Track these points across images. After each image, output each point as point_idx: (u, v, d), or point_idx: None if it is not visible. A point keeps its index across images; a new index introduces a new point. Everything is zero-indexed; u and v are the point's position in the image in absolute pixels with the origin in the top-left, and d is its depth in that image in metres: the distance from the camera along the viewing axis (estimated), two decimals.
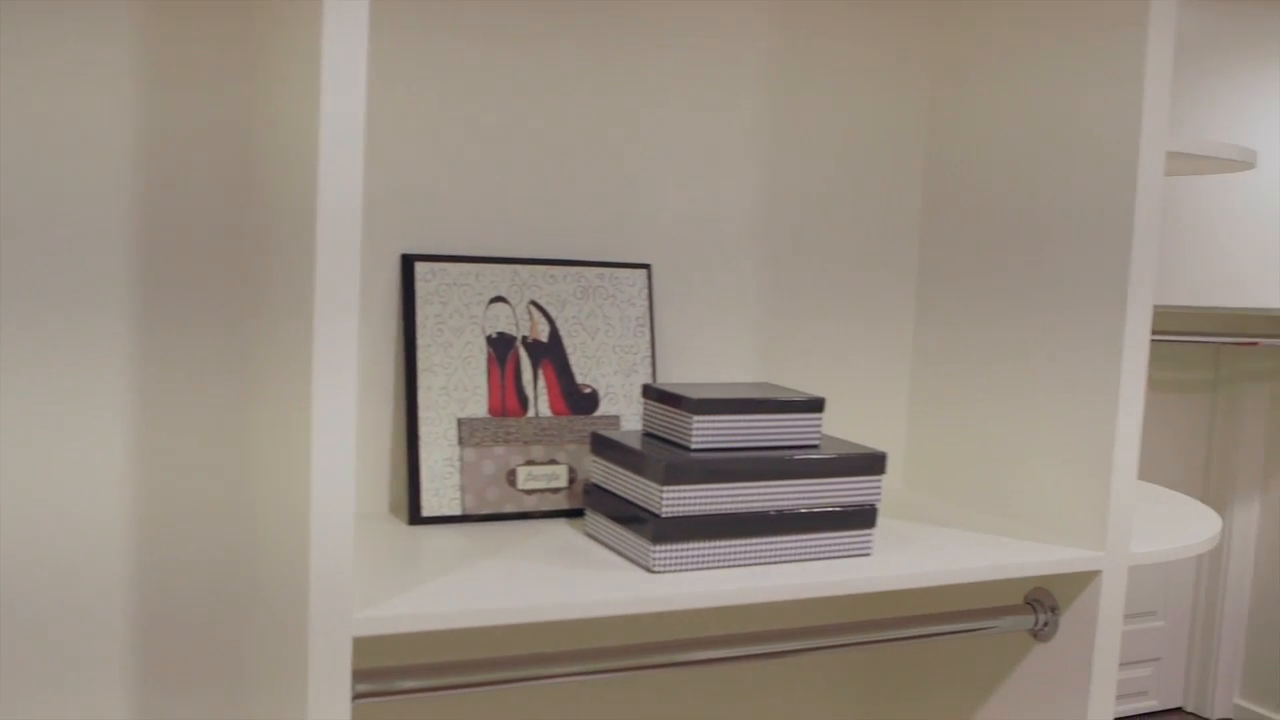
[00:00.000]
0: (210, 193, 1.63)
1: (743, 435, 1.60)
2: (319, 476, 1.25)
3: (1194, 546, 1.87)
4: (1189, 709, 4.28)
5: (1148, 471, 3.95)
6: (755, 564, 1.59)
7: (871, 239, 2.09)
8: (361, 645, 1.77)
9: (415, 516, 1.71)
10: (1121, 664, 4.08)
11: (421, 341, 1.73)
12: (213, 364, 1.66)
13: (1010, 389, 1.92)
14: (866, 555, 1.65)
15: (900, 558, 1.65)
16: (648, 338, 1.87)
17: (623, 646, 1.54)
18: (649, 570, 1.53)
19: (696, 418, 1.57)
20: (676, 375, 1.95)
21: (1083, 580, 1.79)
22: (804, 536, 1.61)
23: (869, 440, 2.12)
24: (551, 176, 1.83)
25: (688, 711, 2.05)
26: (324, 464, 1.25)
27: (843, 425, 2.10)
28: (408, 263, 1.73)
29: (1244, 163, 1.97)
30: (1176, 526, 1.96)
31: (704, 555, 1.55)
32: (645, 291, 1.88)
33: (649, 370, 1.86)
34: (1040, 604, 1.84)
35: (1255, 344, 3.89)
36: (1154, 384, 3.97)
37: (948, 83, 2.06)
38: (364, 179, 1.71)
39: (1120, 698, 4.13)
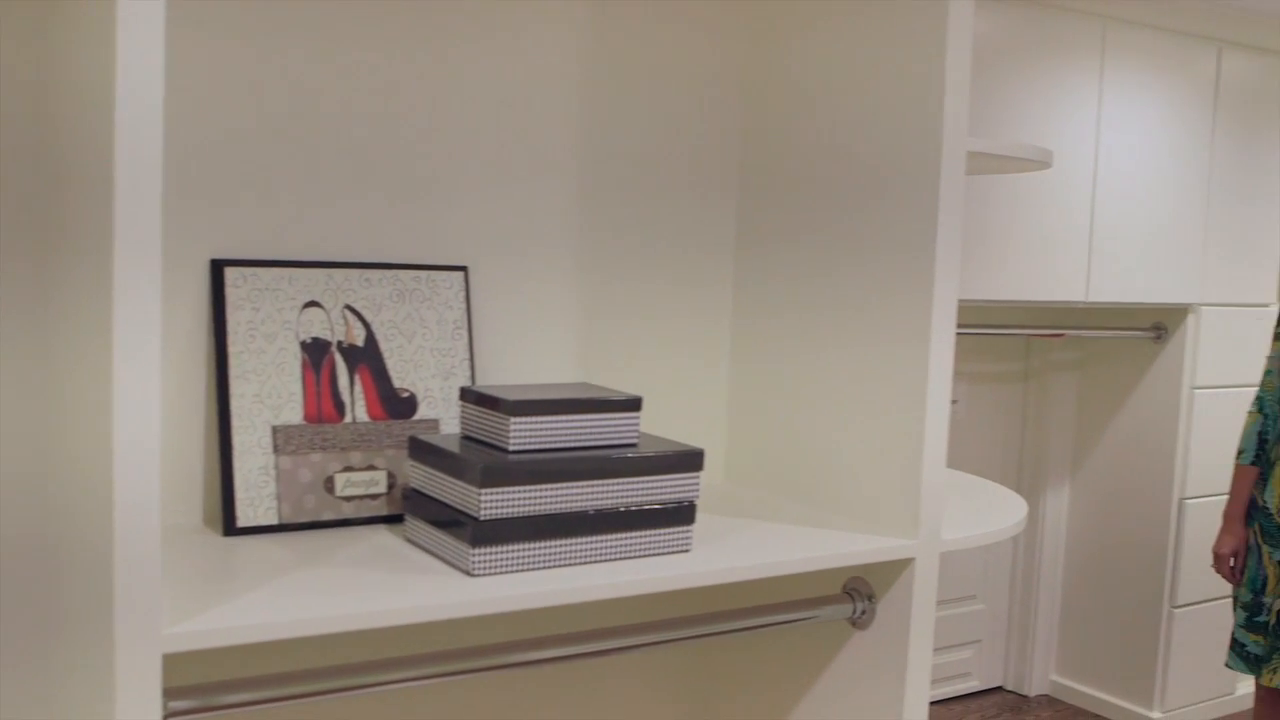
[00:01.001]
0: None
1: (561, 436, 1.61)
2: (122, 489, 1.21)
3: (1002, 532, 1.94)
4: (1009, 687, 4.43)
5: (966, 460, 4.09)
6: (576, 564, 1.59)
7: (689, 238, 2.12)
8: (179, 661, 1.72)
9: (230, 527, 1.67)
10: (944, 647, 4.21)
11: (233, 349, 1.69)
12: (11, 350, 1.59)
13: (825, 383, 1.96)
14: (686, 551, 1.67)
15: (719, 552, 1.68)
16: (466, 340, 1.86)
17: (444, 652, 1.53)
18: (469, 574, 1.52)
19: (514, 419, 1.57)
20: (496, 378, 1.95)
21: (897, 568, 1.84)
22: (624, 535, 1.62)
23: (691, 436, 2.15)
24: (364, 178, 1.81)
25: (513, 713, 2.05)
26: (128, 476, 1.21)
27: (665, 422, 2.13)
28: (217, 268, 1.69)
29: (1041, 162, 2.05)
30: (986, 513, 2.03)
31: (524, 557, 1.55)
32: (463, 294, 1.86)
33: (468, 373, 1.85)
34: (858, 592, 1.89)
35: (1061, 335, 4.05)
36: (969, 376, 4.11)
37: (758, 98, 2.09)
38: (167, 181, 1.67)
39: (944, 680, 4.26)
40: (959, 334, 3.68)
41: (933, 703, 4.24)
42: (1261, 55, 4.04)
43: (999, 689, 4.44)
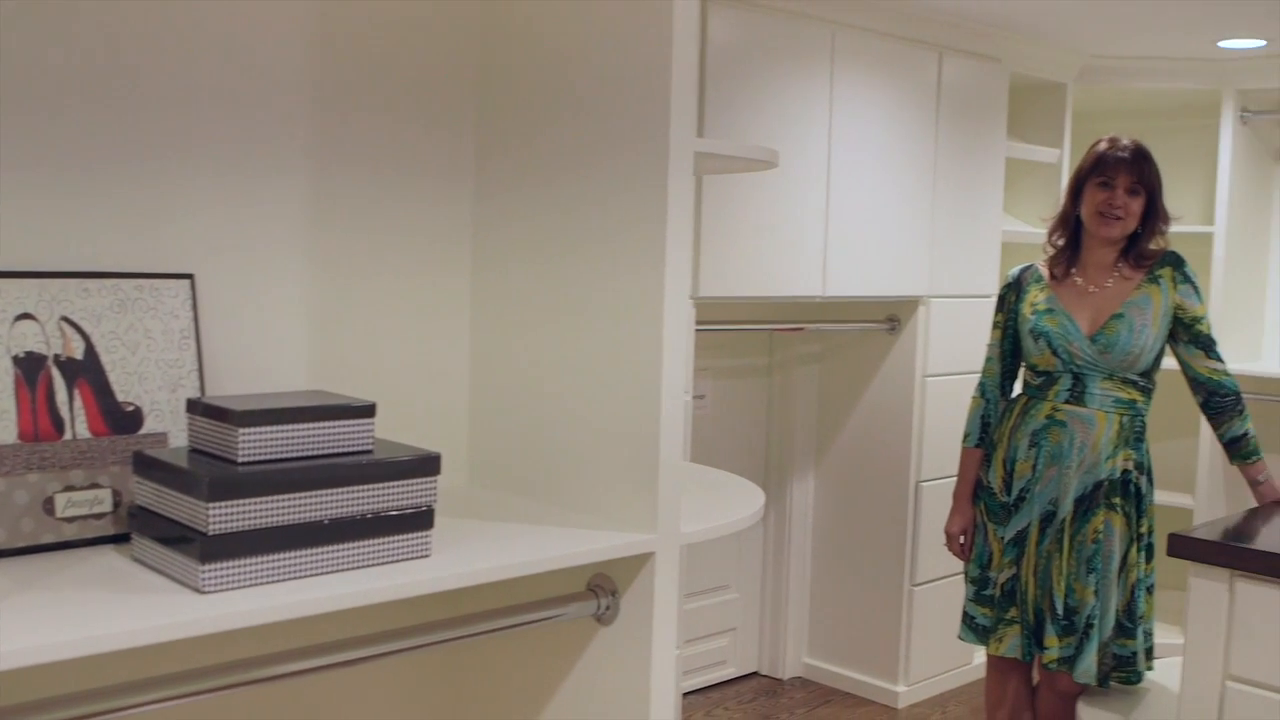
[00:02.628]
0: None
1: (293, 445, 1.58)
2: None
3: (740, 522, 2.00)
4: (764, 672, 4.56)
5: (715, 454, 4.18)
6: (312, 575, 1.57)
7: (424, 235, 2.10)
8: None
9: None
10: (699, 637, 4.31)
11: None
12: None
13: (563, 384, 1.98)
14: (426, 556, 1.66)
15: (460, 556, 1.68)
16: (194, 350, 1.80)
17: (177, 674, 1.48)
18: (199, 591, 1.48)
19: (243, 430, 1.53)
20: (229, 388, 1.89)
21: (639, 562, 1.87)
22: (361, 543, 1.60)
23: (432, 440, 2.13)
24: (80, 182, 1.73)
25: None
26: None
27: (405, 427, 2.10)
28: None
29: (767, 162, 2.12)
30: (725, 505, 2.08)
31: (257, 571, 1.51)
32: (189, 302, 1.81)
33: (197, 384, 1.80)
34: (602, 589, 1.92)
35: (801, 329, 4.19)
36: (716, 372, 4.21)
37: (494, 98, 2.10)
38: None
39: (700, 669, 4.35)
40: (704, 331, 3.77)
41: (690, 692, 4.33)
42: (979, 60, 4.28)
43: (755, 674, 4.56)
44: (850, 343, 4.36)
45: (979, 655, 4.43)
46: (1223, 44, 4.35)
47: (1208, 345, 3.02)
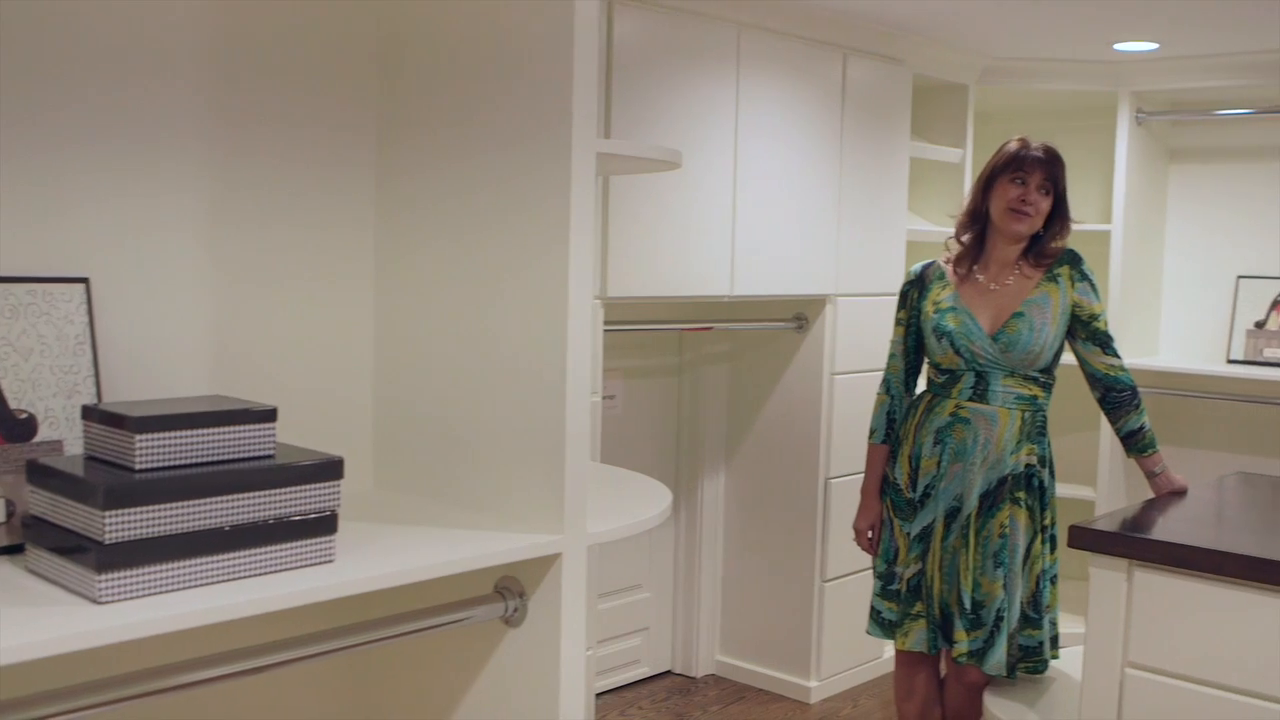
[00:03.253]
0: None
1: (192, 451, 1.56)
2: None
3: (647, 521, 2.00)
4: (677, 670, 4.58)
5: (626, 454, 4.19)
6: (213, 583, 1.54)
7: (327, 235, 2.08)
8: None
9: None
10: (612, 637, 4.31)
11: None
12: None
13: (471, 386, 1.97)
14: (330, 562, 1.65)
15: (364, 561, 1.66)
16: (90, 356, 1.76)
17: (75, 687, 1.45)
18: (95, 602, 1.45)
19: (139, 436, 1.51)
20: (127, 394, 1.86)
21: (546, 563, 1.87)
22: (263, 549, 1.58)
23: (337, 443, 2.11)
24: None
25: None
26: None
27: (309, 430, 2.07)
28: None
29: (670, 163, 2.13)
30: (632, 505, 2.09)
31: (156, 580, 1.49)
32: (84, 307, 1.77)
33: (93, 390, 1.76)
34: (509, 591, 1.91)
35: (709, 329, 4.21)
36: (626, 372, 4.21)
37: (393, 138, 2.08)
38: None
39: (614, 669, 4.35)
40: (613, 331, 3.77)
41: (604, 692, 4.33)
42: (883, 62, 4.33)
43: (668, 673, 4.58)
44: (759, 341, 4.39)
45: (889, 649, 4.48)
46: (1118, 47, 4.45)
47: (1105, 341, 3.09)
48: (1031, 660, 3.07)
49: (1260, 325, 4.84)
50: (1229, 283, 4.97)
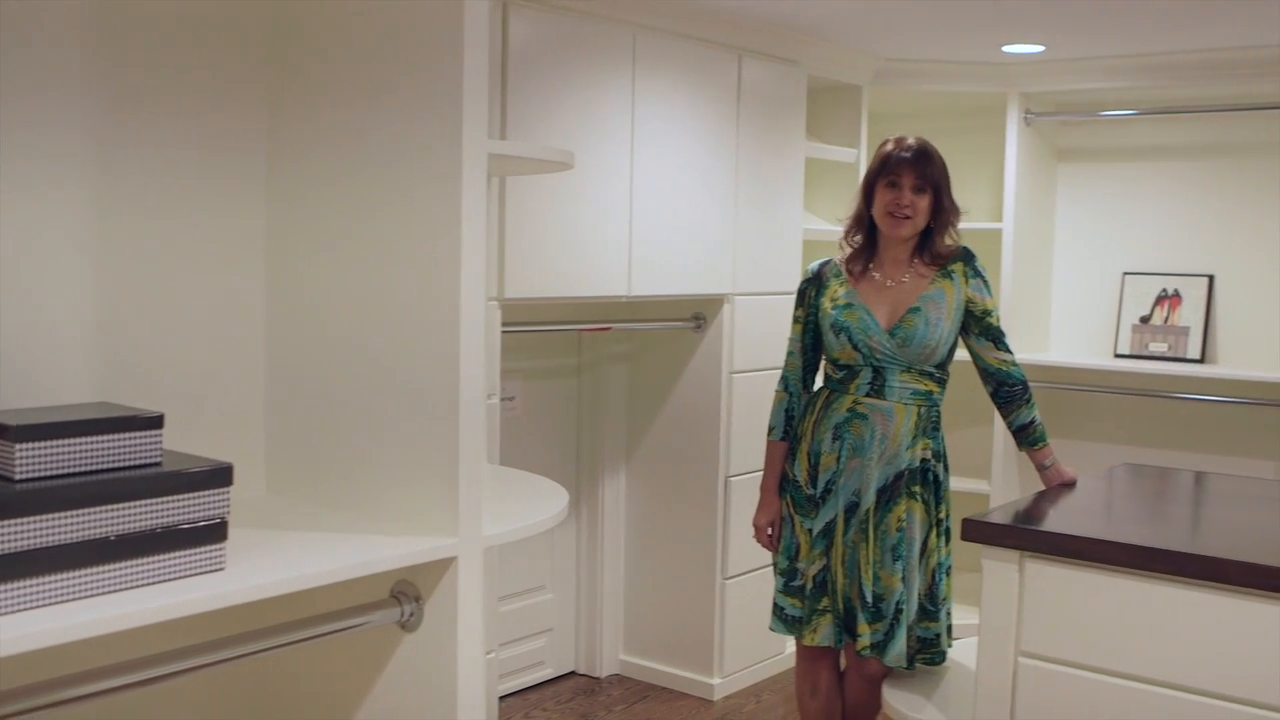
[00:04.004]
0: None
1: (75, 460, 1.52)
2: None
3: (544, 523, 2.00)
4: (581, 671, 4.57)
5: (526, 455, 4.17)
6: (99, 594, 1.51)
7: (214, 239, 2.05)
8: None
9: None
10: (516, 639, 4.29)
11: None
12: None
13: (363, 390, 1.95)
14: (220, 570, 1.62)
15: (256, 568, 1.64)
16: None
17: None
18: None
19: (20, 445, 1.47)
20: (8, 401, 1.81)
21: (441, 567, 1.86)
22: (151, 559, 1.55)
23: (228, 449, 2.07)
24: None
25: None
26: None
27: (199, 437, 2.04)
28: None
29: (563, 164, 2.13)
30: (529, 506, 2.09)
31: (40, 592, 1.46)
32: None
33: None
34: (405, 595, 1.90)
35: (608, 329, 4.22)
36: (526, 373, 4.20)
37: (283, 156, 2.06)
38: None
39: (517, 671, 4.34)
40: (511, 333, 3.76)
41: (508, 695, 4.32)
42: (778, 63, 4.37)
43: (572, 674, 4.57)
44: (658, 341, 4.41)
45: (790, 645, 4.52)
46: (1006, 49, 4.54)
47: (997, 337, 3.14)
48: (929, 652, 3.11)
49: (1145, 320, 4.97)
50: (1115, 279, 5.09)
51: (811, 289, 3.24)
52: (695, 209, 4.08)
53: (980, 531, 2.52)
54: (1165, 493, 3.07)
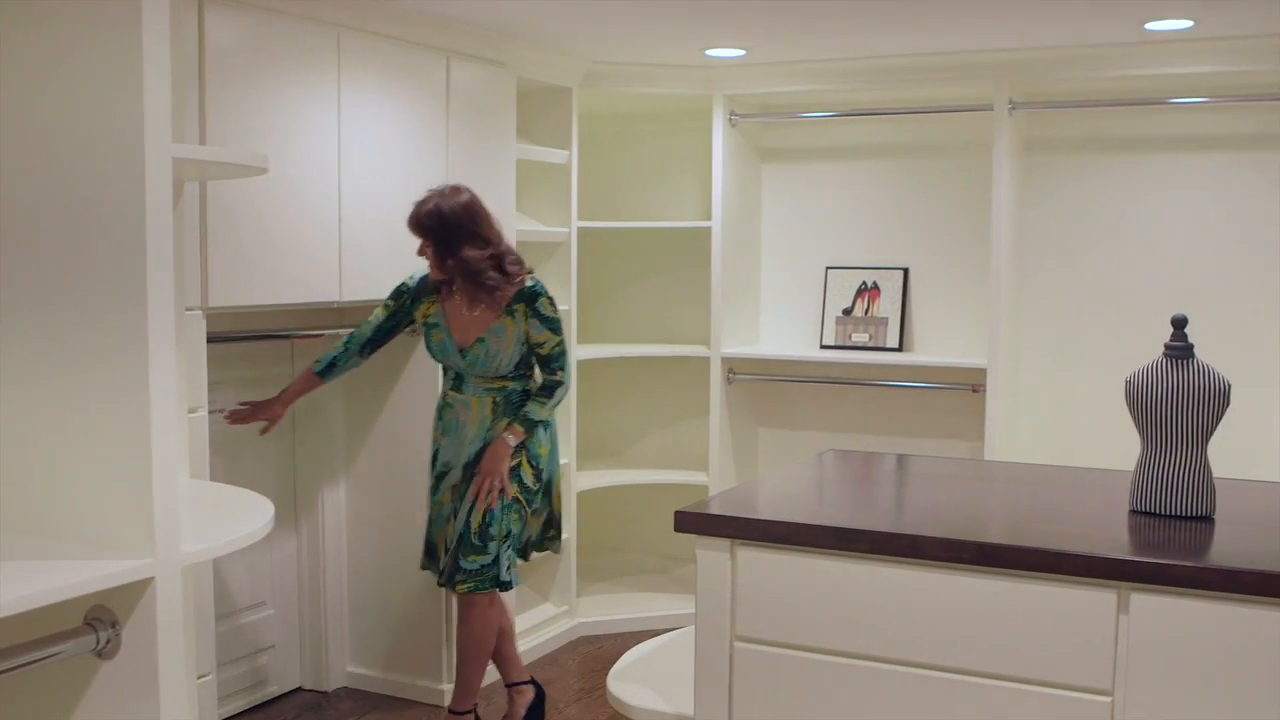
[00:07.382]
0: None
1: None
2: None
3: (247, 537, 1.95)
4: (308, 686, 4.46)
5: (240, 471, 4.04)
6: None
7: None
8: None
9: None
10: (237, 658, 4.15)
11: None
12: None
13: (44, 406, 1.85)
14: None
15: None
16: None
17: None
18: None
19: None
20: None
21: (139, 589, 1.78)
22: None
23: None
24: None
25: None
26: None
27: None
28: None
29: (257, 167, 2.07)
30: (233, 521, 2.02)
31: None
32: None
33: None
34: (101, 621, 1.81)
35: (320, 336, 4.14)
36: (237, 383, 4.05)
37: None
38: None
39: (240, 691, 4.20)
40: (219, 342, 3.64)
41: (230, 717, 4.17)
42: (487, 65, 4.37)
43: (299, 690, 4.46)
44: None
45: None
46: (709, 53, 4.68)
47: (546, 362, 3.74)
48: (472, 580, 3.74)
49: (848, 312, 5.21)
50: (819, 273, 5.32)
51: (408, 297, 3.79)
52: (406, 211, 4.04)
53: (691, 522, 2.59)
54: (870, 476, 3.22)
